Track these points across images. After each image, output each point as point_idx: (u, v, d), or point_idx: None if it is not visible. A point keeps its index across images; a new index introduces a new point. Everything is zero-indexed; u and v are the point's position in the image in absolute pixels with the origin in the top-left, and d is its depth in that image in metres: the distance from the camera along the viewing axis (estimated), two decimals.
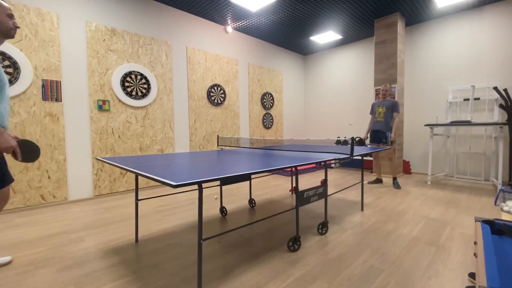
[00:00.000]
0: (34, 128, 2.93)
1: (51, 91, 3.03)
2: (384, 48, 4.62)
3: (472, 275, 1.50)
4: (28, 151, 1.47)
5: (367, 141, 4.16)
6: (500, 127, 3.60)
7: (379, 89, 3.91)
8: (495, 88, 3.63)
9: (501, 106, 3.63)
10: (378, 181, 4.09)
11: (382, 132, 3.88)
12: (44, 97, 2.99)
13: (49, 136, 3.03)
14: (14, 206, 2.83)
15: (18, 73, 2.81)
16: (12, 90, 2.78)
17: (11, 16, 1.52)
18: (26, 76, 2.86)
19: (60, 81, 3.10)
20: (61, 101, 3.11)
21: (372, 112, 4.05)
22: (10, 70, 2.76)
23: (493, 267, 0.69)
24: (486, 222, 1.06)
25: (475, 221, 1.07)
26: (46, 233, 2.24)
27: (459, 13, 4.43)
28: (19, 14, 2.81)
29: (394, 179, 3.86)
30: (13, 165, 2.81)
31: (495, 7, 4.09)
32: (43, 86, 2.98)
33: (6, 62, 2.74)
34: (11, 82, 2.77)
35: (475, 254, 0.91)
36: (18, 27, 1.57)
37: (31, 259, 1.78)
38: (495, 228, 1.03)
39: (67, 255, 1.84)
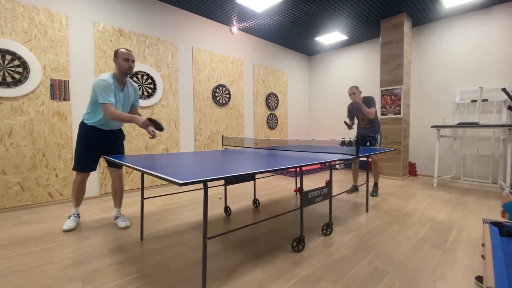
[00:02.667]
0: (43, 127, 2.98)
1: (59, 90, 3.08)
2: (390, 49, 4.59)
3: (479, 279, 1.48)
4: (156, 123, 2.15)
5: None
6: (509, 129, 3.54)
7: (384, 90, 3.67)
8: (504, 90, 3.58)
9: (509, 107, 3.57)
10: (355, 188, 3.68)
11: (370, 136, 3.52)
12: (53, 97, 3.04)
13: (57, 134, 3.08)
14: (22, 203, 2.88)
15: (28, 73, 2.86)
16: (22, 90, 2.83)
17: (127, 60, 2.18)
18: (35, 76, 2.91)
19: (68, 81, 3.15)
20: (69, 100, 3.16)
21: (351, 116, 3.65)
22: (19, 69, 2.81)
23: (502, 269, 0.68)
24: (494, 224, 1.04)
25: (483, 222, 1.06)
26: (53, 230, 2.27)
27: (466, 14, 4.38)
28: (29, 15, 2.87)
29: (375, 184, 3.51)
30: (21, 163, 2.86)
31: (504, 8, 4.03)
32: (51, 85, 3.03)
33: (16, 62, 2.79)
34: (20, 82, 2.82)
35: (482, 256, 0.90)
36: (131, 67, 2.22)
37: (38, 256, 1.81)
38: (503, 230, 1.01)
39: (73, 252, 1.86)
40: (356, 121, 3.70)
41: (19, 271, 1.60)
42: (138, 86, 3.71)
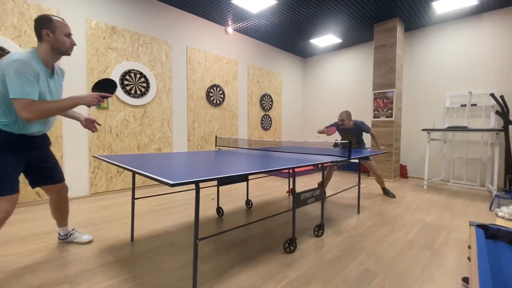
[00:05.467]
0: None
1: None
2: (383, 53, 4.65)
3: (465, 280, 1.51)
4: (109, 85, 1.64)
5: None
6: (496, 133, 3.63)
7: (377, 92, 3.77)
8: (492, 95, 3.67)
9: (497, 112, 3.66)
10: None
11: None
12: None
13: None
14: None
15: None
16: None
17: (68, 35, 1.61)
18: None
19: None
20: None
21: (340, 133, 3.65)
22: None
23: (486, 272, 0.70)
24: (480, 226, 1.07)
25: (469, 225, 1.08)
26: (41, 230, 2.22)
27: (457, 20, 4.48)
28: (19, 10, 2.81)
29: (384, 189, 3.58)
30: None
31: (493, 15, 4.14)
32: None
33: None
34: None
35: (468, 258, 0.92)
36: (75, 45, 1.65)
37: (25, 256, 1.76)
38: (489, 232, 1.04)
39: (62, 252, 1.83)
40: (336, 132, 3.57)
41: (5, 272, 1.56)
42: (131, 84, 3.66)
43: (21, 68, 1.39)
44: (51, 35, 1.53)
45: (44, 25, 1.52)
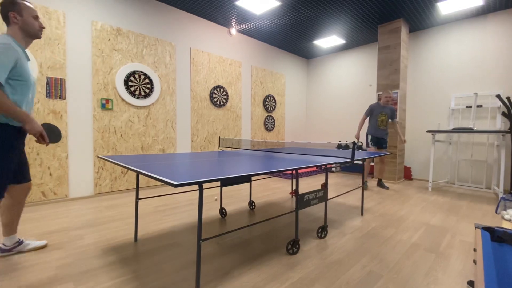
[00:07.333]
0: None
1: (55, 88, 3.06)
2: (388, 54, 4.63)
3: (471, 283, 1.49)
4: (53, 133, 1.68)
5: (363, 144, 4.37)
6: (503, 135, 3.59)
7: (382, 94, 3.96)
8: (498, 96, 3.63)
9: (503, 114, 3.62)
10: (381, 183, 4.22)
11: (383, 139, 4.09)
12: (48, 95, 3.01)
13: None
14: None
15: None
16: None
17: (36, 18, 1.61)
18: None
19: (65, 79, 3.12)
20: (64, 99, 3.13)
21: (371, 115, 4.14)
22: None
23: (492, 274, 0.69)
24: (486, 229, 1.05)
25: (475, 227, 1.07)
26: (46, 229, 2.25)
27: (463, 21, 4.44)
28: None
29: (380, 180, 4.03)
30: None
31: (499, 15, 4.10)
32: (47, 83, 3.00)
33: None
34: None
35: (474, 261, 0.91)
36: (44, 28, 1.65)
37: (30, 255, 1.78)
38: (495, 235, 1.02)
39: (66, 252, 1.84)
40: (367, 121, 4.29)
41: (11, 271, 1.58)
42: (135, 86, 3.69)
43: (3, 51, 1.40)
44: (18, 17, 1.53)
45: (11, 8, 1.50)
